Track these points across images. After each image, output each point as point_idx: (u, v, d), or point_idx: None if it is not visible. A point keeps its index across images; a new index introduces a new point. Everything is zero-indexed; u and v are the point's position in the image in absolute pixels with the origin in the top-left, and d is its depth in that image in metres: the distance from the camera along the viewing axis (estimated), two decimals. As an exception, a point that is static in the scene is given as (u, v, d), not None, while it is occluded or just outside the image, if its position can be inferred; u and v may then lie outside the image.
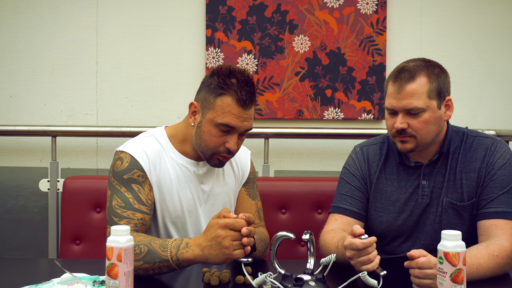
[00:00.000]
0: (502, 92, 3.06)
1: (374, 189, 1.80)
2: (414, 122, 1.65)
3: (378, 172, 1.80)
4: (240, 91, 1.61)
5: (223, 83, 1.62)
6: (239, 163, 1.85)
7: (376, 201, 1.79)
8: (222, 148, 1.65)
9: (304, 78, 2.98)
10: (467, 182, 1.71)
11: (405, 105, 1.64)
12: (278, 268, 1.40)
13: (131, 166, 1.66)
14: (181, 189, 1.73)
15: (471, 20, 3.04)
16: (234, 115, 1.62)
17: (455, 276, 1.31)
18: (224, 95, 1.62)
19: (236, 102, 1.61)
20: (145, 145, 1.71)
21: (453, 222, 1.71)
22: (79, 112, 3.01)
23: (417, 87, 1.64)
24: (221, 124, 1.62)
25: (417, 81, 1.64)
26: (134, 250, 1.47)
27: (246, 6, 2.96)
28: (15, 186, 3.02)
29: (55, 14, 2.99)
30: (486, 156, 1.70)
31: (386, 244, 1.80)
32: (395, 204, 1.76)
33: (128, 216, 1.61)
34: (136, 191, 1.65)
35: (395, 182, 1.78)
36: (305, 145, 3.04)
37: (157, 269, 1.50)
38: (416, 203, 1.74)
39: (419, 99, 1.63)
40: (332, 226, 1.77)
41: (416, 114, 1.64)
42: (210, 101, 1.64)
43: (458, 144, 1.75)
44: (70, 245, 2.11)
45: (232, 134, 1.64)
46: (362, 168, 1.82)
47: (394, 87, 1.66)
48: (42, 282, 1.43)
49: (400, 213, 1.76)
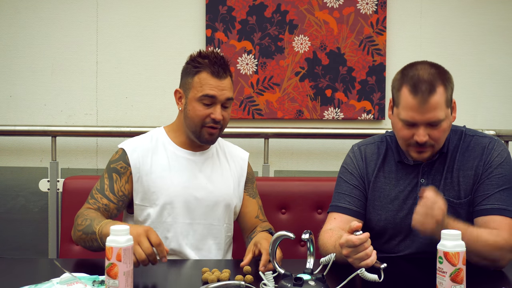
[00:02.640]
0: (502, 92, 3.06)
1: (372, 187, 1.80)
2: (434, 132, 1.64)
3: (376, 170, 1.81)
4: (213, 65, 1.79)
5: (197, 63, 1.81)
6: (236, 161, 1.96)
7: (374, 199, 1.80)
8: (208, 119, 1.79)
9: (304, 78, 2.98)
10: (464, 180, 1.72)
11: (429, 118, 1.62)
12: (278, 267, 1.40)
13: (119, 158, 1.84)
14: (177, 176, 1.84)
15: (471, 20, 3.04)
16: (211, 86, 1.78)
17: (455, 276, 1.31)
18: (200, 72, 1.79)
19: (211, 74, 1.78)
20: (139, 141, 1.88)
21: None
22: (79, 112, 3.01)
23: (438, 99, 1.61)
24: (202, 97, 1.78)
25: (437, 92, 1.61)
26: (80, 222, 1.70)
27: (246, 6, 2.96)
28: (15, 186, 3.02)
29: (55, 14, 2.99)
30: (483, 155, 1.71)
31: (384, 243, 1.81)
32: (394, 202, 1.77)
33: (96, 199, 1.80)
34: (113, 180, 1.82)
35: (393, 180, 1.78)
36: (305, 145, 3.04)
37: (89, 241, 1.66)
38: (414, 201, 1.73)
39: (441, 111, 1.62)
40: (331, 225, 1.77)
41: (437, 125, 1.63)
42: (189, 81, 1.82)
43: (456, 143, 1.76)
44: (70, 245, 2.11)
45: (214, 105, 1.79)
46: (360, 166, 1.83)
47: (415, 101, 1.61)
48: (41, 282, 1.43)
49: (398, 211, 1.76)
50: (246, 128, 2.90)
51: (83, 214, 1.75)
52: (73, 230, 1.76)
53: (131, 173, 1.82)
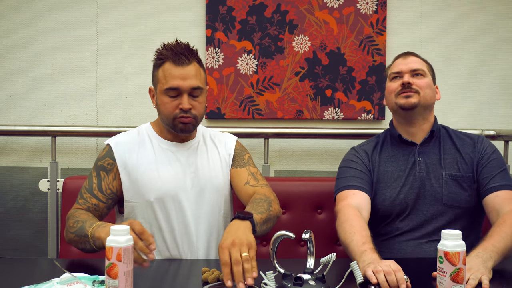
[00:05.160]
0: (502, 92, 3.06)
1: (377, 172, 1.97)
2: (417, 81, 1.96)
3: (378, 158, 1.99)
4: (175, 54, 1.78)
5: (160, 55, 1.81)
6: (223, 143, 1.96)
7: (379, 181, 1.96)
8: (177, 110, 1.79)
9: (304, 78, 2.98)
10: (462, 160, 1.95)
11: (411, 66, 1.98)
12: (278, 267, 1.40)
13: (106, 154, 1.86)
14: (164, 169, 1.84)
15: (471, 20, 3.04)
16: (175, 77, 1.76)
17: (455, 276, 1.31)
18: (163, 64, 1.79)
19: (173, 63, 1.77)
20: (125, 136, 1.90)
21: (454, 192, 1.90)
22: (79, 112, 3.01)
23: (420, 60, 2.03)
24: (167, 89, 1.78)
25: (419, 57, 2.04)
26: (72, 224, 1.71)
27: (246, 6, 2.96)
28: (15, 186, 3.02)
29: (55, 14, 2.99)
30: (476, 144, 1.97)
31: (386, 225, 1.93)
32: (397, 180, 1.94)
33: (85, 198, 1.82)
34: (101, 178, 1.84)
35: (394, 163, 1.98)
36: (305, 145, 3.04)
37: (82, 243, 1.66)
38: (414, 177, 1.94)
39: (422, 65, 1.99)
40: (353, 200, 1.87)
41: (420, 75, 1.97)
42: (156, 75, 1.83)
43: (446, 133, 2.02)
44: (70, 245, 2.10)
45: (181, 96, 1.78)
46: (363, 157, 2.01)
47: (400, 58, 2.03)
48: (42, 282, 1.43)
49: (402, 187, 1.93)
50: (246, 128, 2.90)
51: (74, 215, 1.75)
52: (65, 231, 1.77)
53: (118, 169, 1.83)
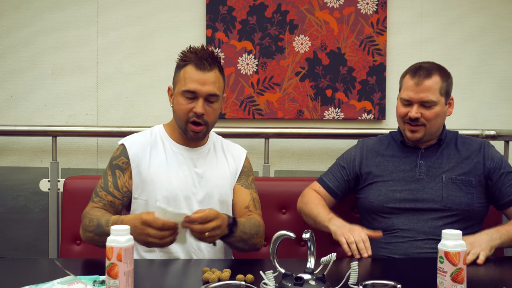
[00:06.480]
0: (502, 92, 3.06)
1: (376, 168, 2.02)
2: (426, 112, 1.91)
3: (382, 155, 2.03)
4: (199, 59, 1.81)
5: (184, 57, 1.85)
6: (233, 156, 1.98)
7: (377, 176, 2.00)
8: (191, 113, 1.82)
9: (305, 78, 2.98)
10: (464, 164, 1.95)
11: (421, 98, 1.91)
12: (278, 267, 1.41)
13: (120, 154, 1.89)
14: (174, 171, 1.87)
15: (471, 20, 3.04)
16: (194, 80, 1.80)
17: (455, 276, 1.31)
18: (186, 66, 1.83)
19: (195, 67, 1.81)
20: (138, 136, 1.94)
21: (453, 195, 1.91)
22: (79, 112, 3.02)
23: (432, 84, 1.91)
24: (185, 91, 1.81)
25: (433, 78, 1.91)
26: (87, 223, 1.74)
27: (246, 6, 2.96)
28: (16, 186, 3.02)
29: (55, 14, 2.99)
30: (481, 149, 1.97)
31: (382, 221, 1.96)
32: (395, 179, 1.97)
33: (101, 196, 1.83)
34: (117, 176, 1.86)
35: (395, 162, 2.01)
36: (306, 145, 3.04)
37: (102, 242, 1.60)
38: (413, 178, 1.96)
39: (433, 94, 1.91)
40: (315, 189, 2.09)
41: (429, 106, 1.91)
42: (176, 75, 1.87)
43: (453, 140, 2.01)
44: (71, 245, 2.11)
45: (197, 100, 1.81)
46: (357, 159, 2.06)
47: (412, 81, 1.92)
48: (42, 282, 1.43)
49: (398, 186, 1.96)
50: (247, 128, 2.90)
51: (89, 213, 1.76)
52: (82, 230, 1.77)
53: (131, 167, 1.86)
